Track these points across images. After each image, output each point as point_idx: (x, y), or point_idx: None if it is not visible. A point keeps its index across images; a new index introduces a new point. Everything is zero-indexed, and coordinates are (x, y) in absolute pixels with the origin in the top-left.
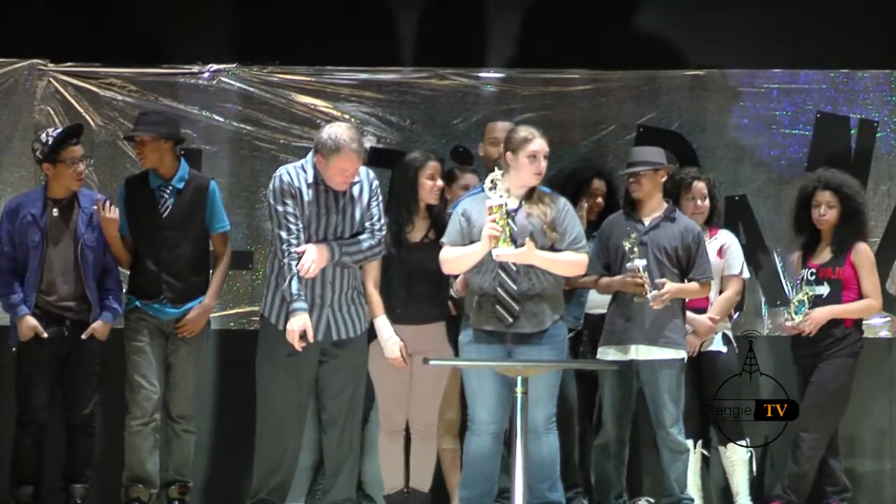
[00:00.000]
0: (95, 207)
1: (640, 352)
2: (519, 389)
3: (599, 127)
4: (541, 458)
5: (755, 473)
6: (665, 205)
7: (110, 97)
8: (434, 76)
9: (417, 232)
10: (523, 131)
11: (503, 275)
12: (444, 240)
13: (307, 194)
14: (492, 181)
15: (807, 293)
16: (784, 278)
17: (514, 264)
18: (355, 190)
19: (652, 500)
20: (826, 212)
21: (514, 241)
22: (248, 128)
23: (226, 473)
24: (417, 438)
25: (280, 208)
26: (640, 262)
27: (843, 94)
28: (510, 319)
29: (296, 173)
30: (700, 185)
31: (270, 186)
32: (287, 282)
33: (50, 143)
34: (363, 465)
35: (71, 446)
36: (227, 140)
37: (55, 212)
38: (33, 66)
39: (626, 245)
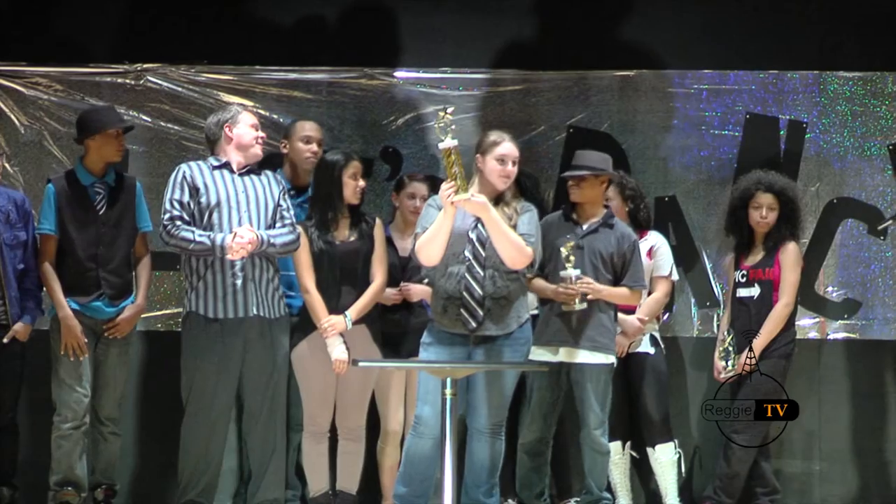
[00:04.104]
0: (12, 206)
1: (569, 354)
2: (448, 391)
3: (529, 127)
4: (482, 461)
5: (684, 474)
6: (604, 210)
7: (36, 96)
8: (363, 76)
9: (342, 232)
10: (493, 135)
11: (469, 278)
12: (417, 230)
13: (211, 177)
14: (441, 120)
15: (724, 341)
16: (714, 279)
17: (481, 269)
18: (262, 179)
19: (580, 500)
20: (767, 214)
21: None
22: (175, 128)
23: (152, 475)
24: (345, 440)
25: (170, 194)
26: (573, 272)
27: (773, 95)
28: (473, 324)
29: (196, 165)
30: None
31: (170, 178)
32: (193, 239)
33: None
34: None
35: None
36: (154, 140)
37: None
38: None
39: (564, 252)
